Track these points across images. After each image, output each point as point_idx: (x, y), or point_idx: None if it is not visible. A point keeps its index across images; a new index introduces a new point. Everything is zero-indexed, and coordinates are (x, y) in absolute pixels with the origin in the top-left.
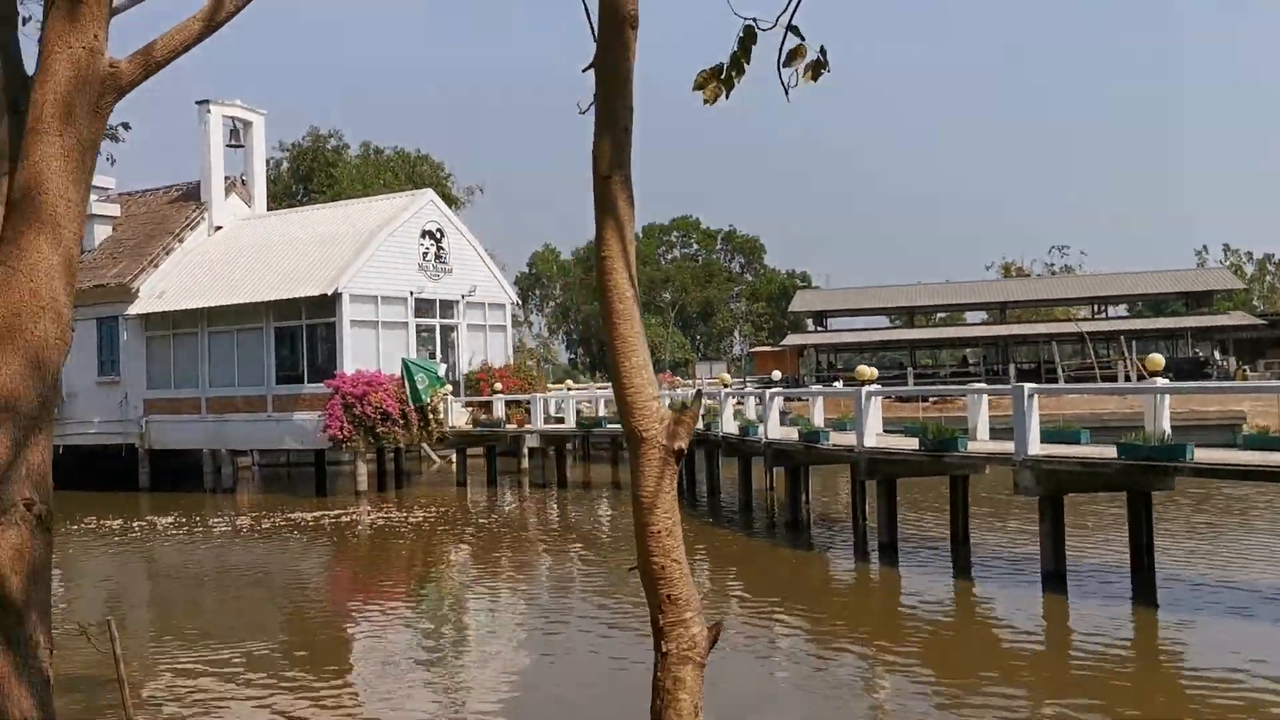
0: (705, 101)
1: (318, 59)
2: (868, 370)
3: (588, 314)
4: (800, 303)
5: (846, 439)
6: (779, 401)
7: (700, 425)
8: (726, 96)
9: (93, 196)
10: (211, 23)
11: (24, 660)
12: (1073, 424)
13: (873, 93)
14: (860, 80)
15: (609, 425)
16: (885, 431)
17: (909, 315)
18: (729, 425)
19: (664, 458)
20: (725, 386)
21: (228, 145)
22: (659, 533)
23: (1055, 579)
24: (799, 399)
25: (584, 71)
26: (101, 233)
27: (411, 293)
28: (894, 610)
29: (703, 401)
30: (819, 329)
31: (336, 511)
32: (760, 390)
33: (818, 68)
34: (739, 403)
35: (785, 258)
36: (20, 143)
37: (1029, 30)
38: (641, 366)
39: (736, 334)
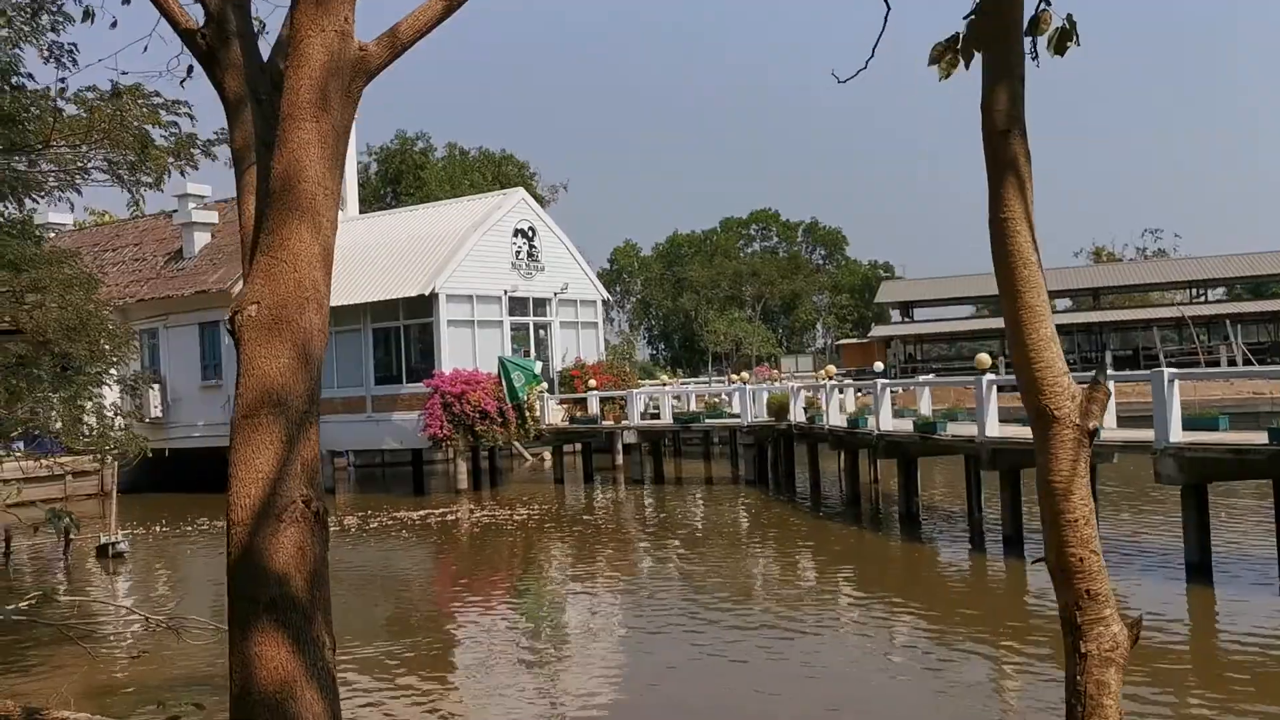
0: (941, 78)
1: (403, 60)
2: (987, 359)
3: (668, 310)
4: (886, 294)
5: (963, 429)
6: (889, 393)
7: (803, 418)
8: (966, 67)
9: (190, 205)
10: (452, 3)
11: (312, 662)
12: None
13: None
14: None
15: (707, 420)
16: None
17: (997, 304)
18: (835, 418)
19: (1078, 438)
20: (830, 379)
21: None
22: (1076, 521)
23: (1200, 570)
24: (903, 389)
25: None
26: (201, 240)
27: (505, 291)
28: (1020, 605)
29: (802, 394)
30: (905, 320)
31: (441, 510)
32: (868, 381)
33: (1064, 38)
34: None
35: (867, 249)
36: (265, 131)
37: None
38: (1050, 339)
39: (819, 327)
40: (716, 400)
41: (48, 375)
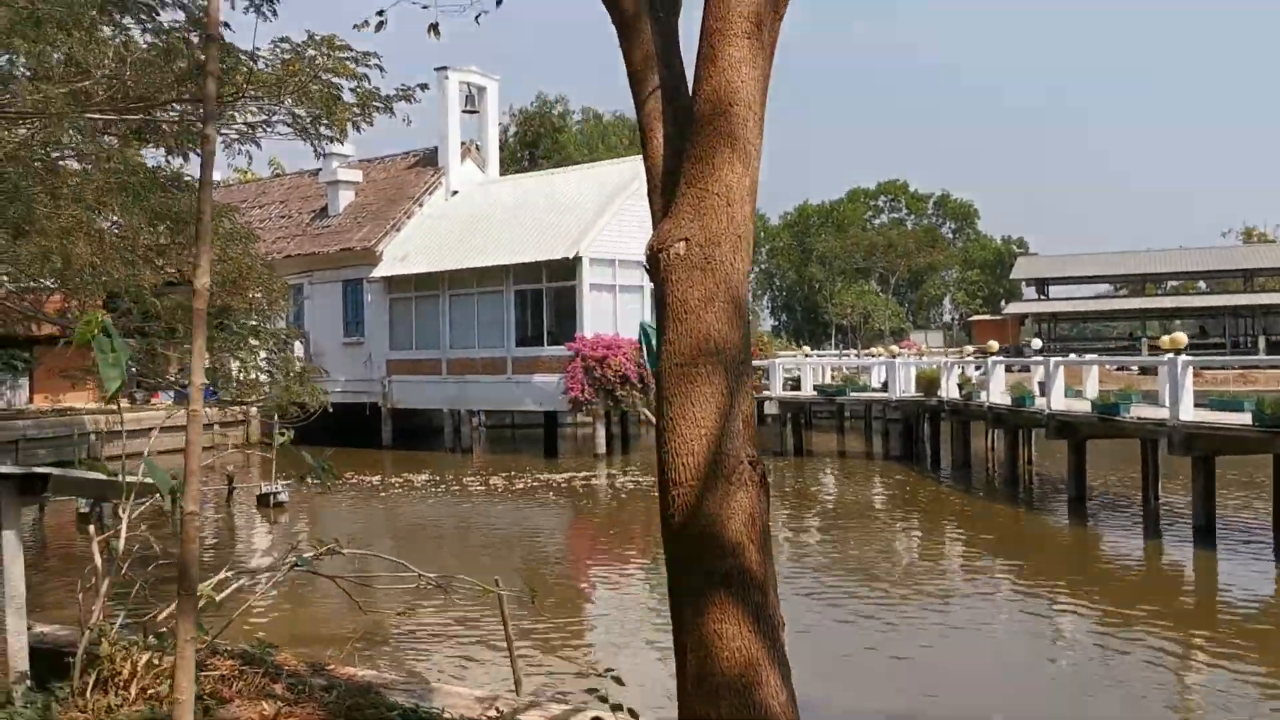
0: None
1: (544, 17)
2: (1183, 338)
3: (791, 281)
4: (1021, 270)
5: (1147, 412)
6: (1061, 371)
7: (956, 394)
8: None
9: (334, 163)
10: None
11: (772, 642)
12: None
13: (1104, 51)
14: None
15: (852, 394)
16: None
17: (1140, 283)
18: (997, 395)
19: None
20: (993, 354)
21: (464, 111)
22: None
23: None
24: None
25: None
26: (345, 198)
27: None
28: (1212, 599)
29: (956, 370)
30: (1041, 297)
31: (584, 473)
32: (1037, 359)
33: None
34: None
35: (999, 223)
36: (666, 52)
37: None
38: None
39: (947, 302)
40: (850, 374)
41: (240, 329)
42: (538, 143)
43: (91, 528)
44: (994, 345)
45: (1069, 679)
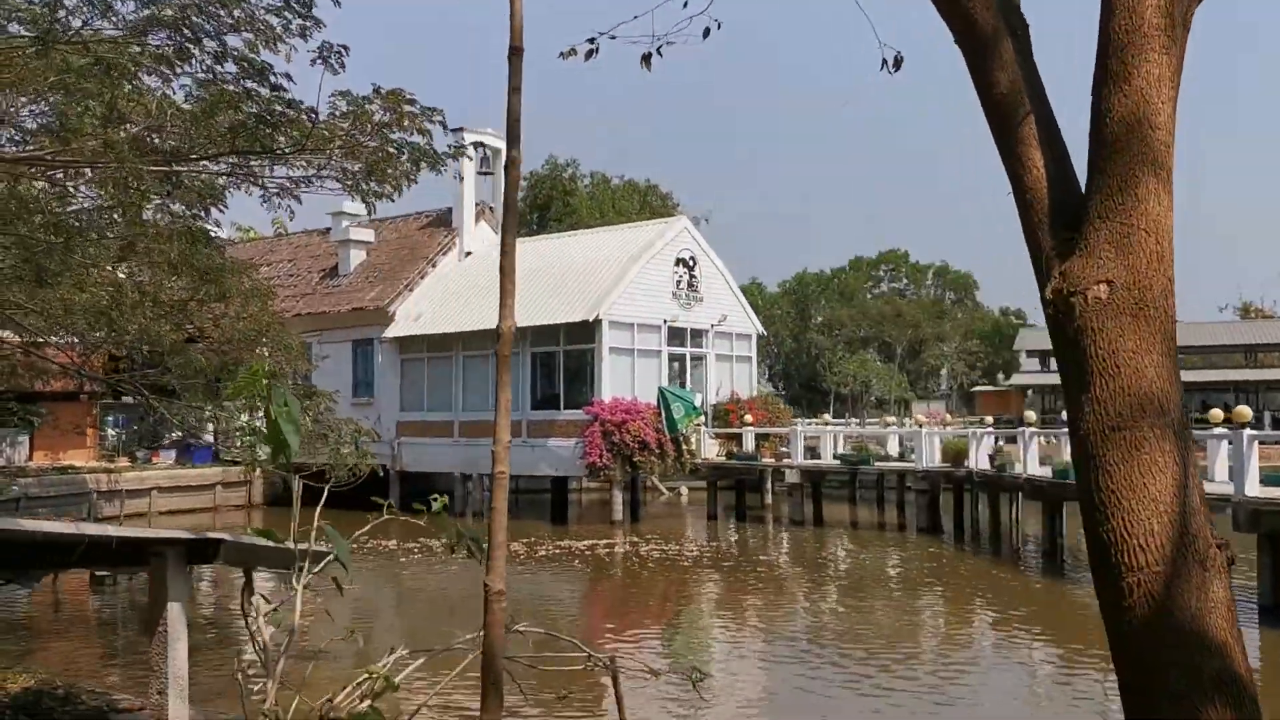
0: None
1: (550, 90)
2: (1247, 411)
3: (790, 349)
4: (1023, 341)
5: (1208, 487)
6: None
7: (987, 465)
8: None
9: (344, 222)
10: None
11: None
12: None
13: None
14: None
15: (877, 463)
16: None
17: None
18: (1034, 467)
19: None
20: (1030, 425)
21: (479, 173)
22: None
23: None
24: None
25: None
26: (357, 257)
27: (665, 320)
28: None
29: (987, 440)
30: (1043, 369)
31: (604, 541)
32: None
33: None
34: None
35: (997, 295)
36: (1026, 70)
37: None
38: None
39: (944, 372)
40: (863, 443)
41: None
42: (549, 205)
43: (258, 598)
44: (1031, 415)
45: None
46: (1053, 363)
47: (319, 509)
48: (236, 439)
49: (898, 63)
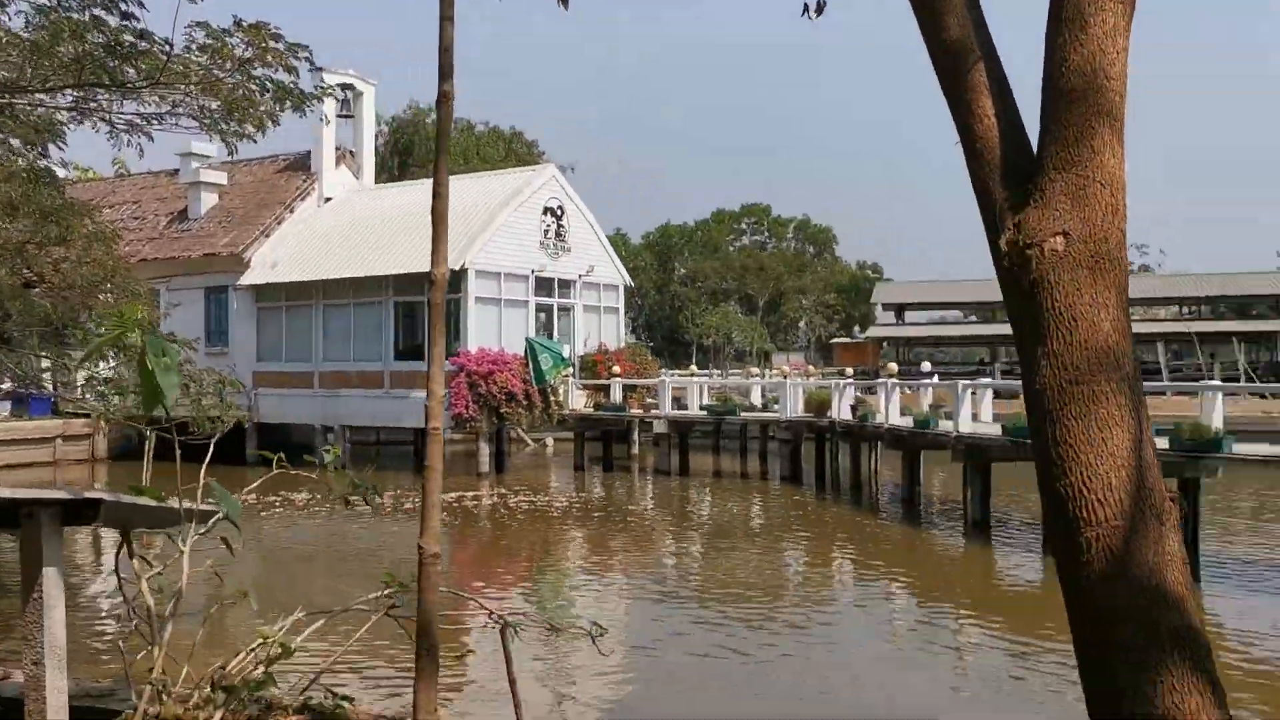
0: None
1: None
2: None
3: (653, 301)
4: (880, 295)
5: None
6: (982, 394)
7: (849, 416)
8: None
9: (194, 164)
10: None
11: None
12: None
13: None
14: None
15: (742, 414)
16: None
17: (990, 310)
18: (895, 418)
19: None
20: (891, 377)
21: (339, 115)
22: None
23: None
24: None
25: None
26: (208, 200)
27: (533, 270)
28: None
29: (850, 392)
30: (898, 322)
31: (470, 493)
32: (948, 383)
33: None
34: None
35: (854, 249)
36: (976, 17)
37: None
38: None
39: (803, 324)
40: (728, 395)
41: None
42: (410, 151)
43: (136, 562)
44: (893, 367)
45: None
46: (908, 315)
47: (179, 463)
48: (85, 390)
49: (820, 7)
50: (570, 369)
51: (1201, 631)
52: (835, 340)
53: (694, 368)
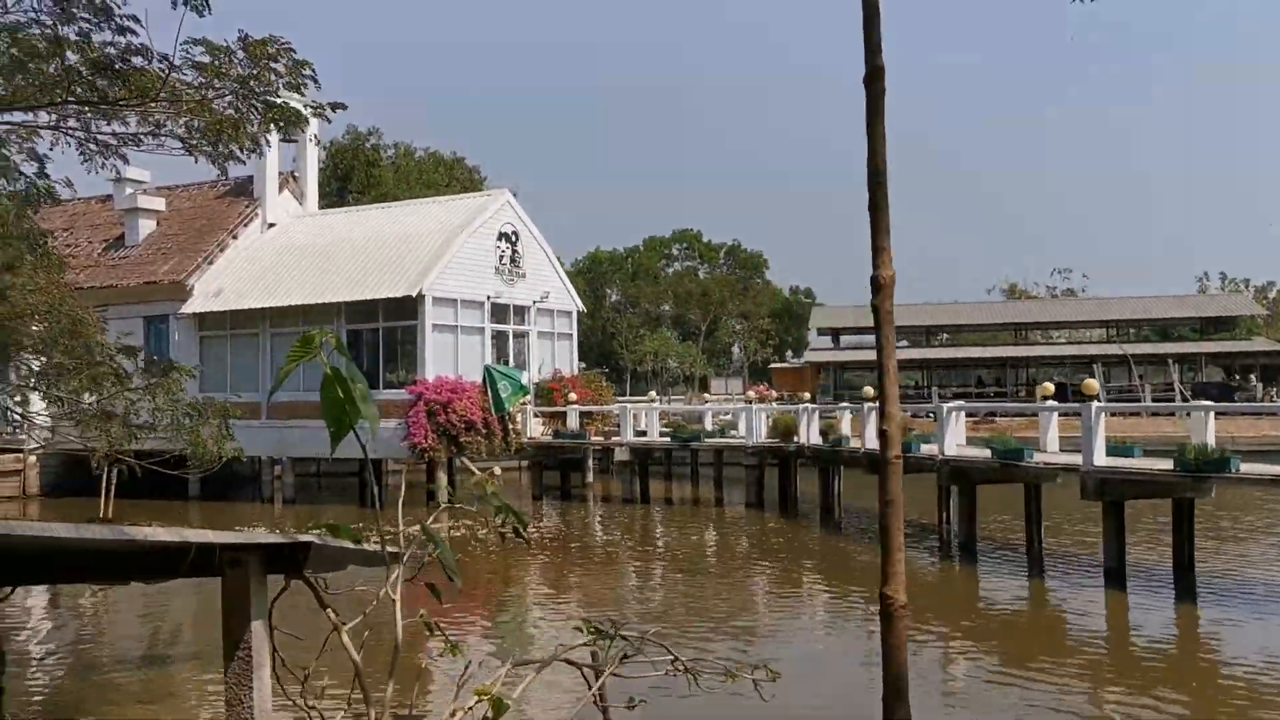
0: None
1: (357, 57)
2: (1094, 385)
3: (586, 327)
4: (817, 319)
5: (1054, 458)
6: (960, 417)
7: (819, 440)
8: None
9: (128, 189)
10: None
11: None
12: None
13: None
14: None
15: (708, 440)
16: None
17: (925, 334)
18: (872, 441)
19: None
20: (869, 401)
21: (281, 139)
22: None
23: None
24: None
25: None
26: (146, 227)
27: (489, 296)
28: (1125, 637)
29: (818, 416)
30: (834, 346)
31: (437, 525)
32: (929, 404)
33: None
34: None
35: (785, 274)
36: None
37: (1008, 44)
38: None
39: (736, 349)
40: (684, 422)
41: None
42: (350, 176)
43: (331, 613)
44: (870, 390)
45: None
46: (843, 339)
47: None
48: (61, 421)
49: None
50: (529, 396)
51: None
52: (773, 366)
53: (653, 394)
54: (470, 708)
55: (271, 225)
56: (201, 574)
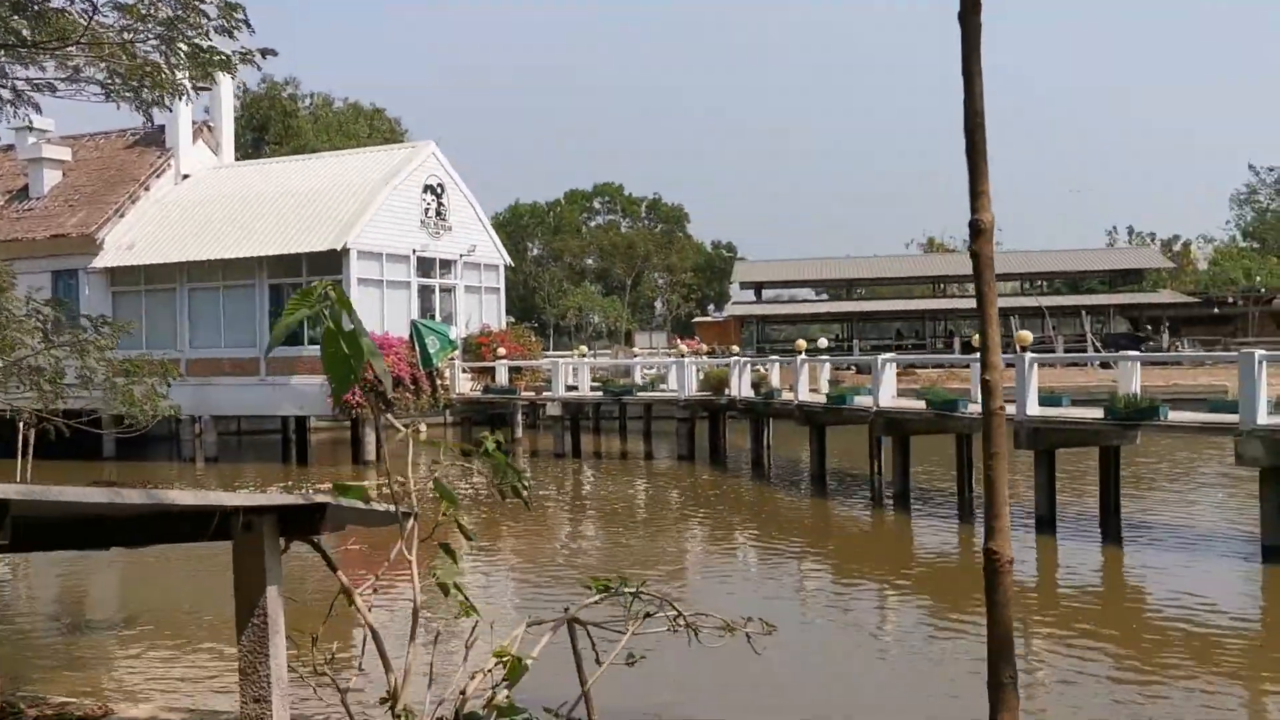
0: None
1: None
2: (1027, 336)
3: (509, 281)
4: (741, 274)
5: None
6: (891, 368)
7: (751, 393)
8: None
9: (31, 139)
10: None
11: None
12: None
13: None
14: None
15: (639, 393)
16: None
17: (846, 288)
18: (805, 394)
19: None
20: (801, 354)
21: (196, 87)
22: None
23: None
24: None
25: None
26: (51, 178)
27: (414, 250)
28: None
29: (749, 369)
30: (756, 300)
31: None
32: (865, 358)
33: None
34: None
35: (706, 228)
36: None
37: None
38: None
39: (659, 304)
40: (613, 375)
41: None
42: (266, 127)
43: (342, 575)
44: (802, 343)
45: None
46: (765, 293)
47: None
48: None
49: None
50: (457, 351)
51: None
52: (696, 319)
53: (584, 349)
54: (489, 670)
55: (186, 177)
56: (213, 538)
